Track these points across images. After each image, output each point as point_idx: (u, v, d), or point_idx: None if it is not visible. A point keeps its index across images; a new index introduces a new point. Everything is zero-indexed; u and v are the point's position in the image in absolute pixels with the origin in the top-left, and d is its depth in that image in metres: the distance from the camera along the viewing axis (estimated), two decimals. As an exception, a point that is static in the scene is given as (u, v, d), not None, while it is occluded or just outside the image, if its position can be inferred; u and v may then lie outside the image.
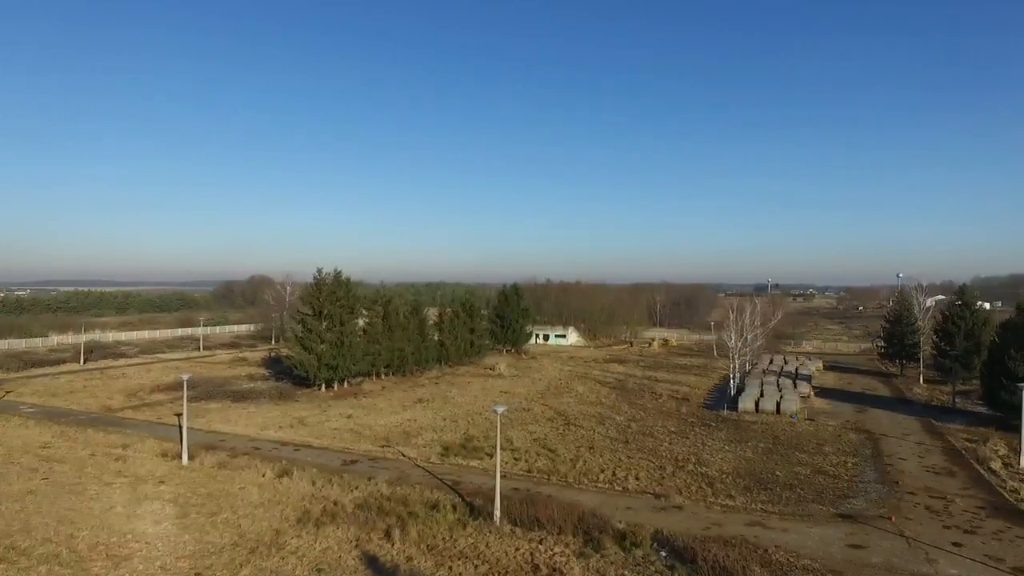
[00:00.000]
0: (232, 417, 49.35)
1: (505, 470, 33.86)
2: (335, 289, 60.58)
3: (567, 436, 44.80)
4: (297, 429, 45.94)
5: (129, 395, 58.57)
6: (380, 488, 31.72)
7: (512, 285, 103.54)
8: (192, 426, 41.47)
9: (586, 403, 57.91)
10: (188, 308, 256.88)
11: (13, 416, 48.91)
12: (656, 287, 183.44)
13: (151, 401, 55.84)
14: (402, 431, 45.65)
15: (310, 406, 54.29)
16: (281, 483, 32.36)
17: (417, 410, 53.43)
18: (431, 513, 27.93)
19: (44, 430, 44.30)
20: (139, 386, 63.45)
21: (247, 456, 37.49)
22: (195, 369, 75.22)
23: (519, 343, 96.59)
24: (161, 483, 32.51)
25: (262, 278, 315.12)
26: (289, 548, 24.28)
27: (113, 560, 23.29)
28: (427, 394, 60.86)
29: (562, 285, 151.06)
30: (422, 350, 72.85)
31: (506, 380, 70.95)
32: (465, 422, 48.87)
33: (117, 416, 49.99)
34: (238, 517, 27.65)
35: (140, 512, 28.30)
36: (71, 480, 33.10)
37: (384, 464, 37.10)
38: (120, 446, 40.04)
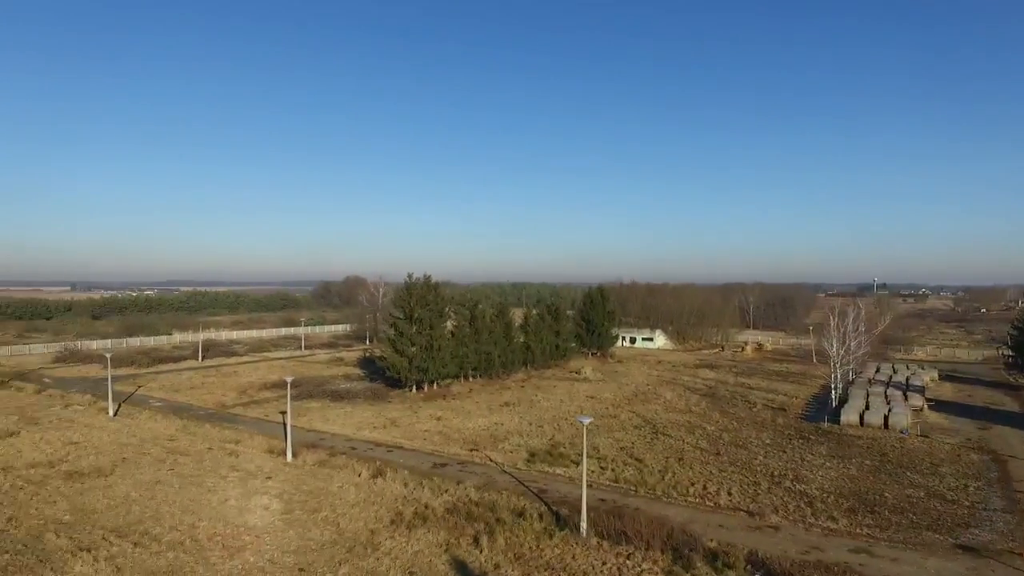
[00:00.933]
0: (330, 417, 52.13)
1: (591, 479, 33.76)
2: (425, 293, 62.56)
3: (655, 445, 43.93)
4: (390, 430, 47.88)
5: (240, 392, 63.27)
6: (469, 493, 32.50)
7: (597, 287, 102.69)
8: (295, 424, 44.26)
9: (675, 411, 56.50)
10: (290, 308, 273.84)
11: (144, 409, 54.15)
12: (749, 287, 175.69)
13: (259, 399, 60.03)
14: (489, 435, 46.47)
15: (401, 407, 56.40)
16: (375, 484, 33.87)
17: (504, 414, 54.18)
18: (518, 521, 28.31)
19: (169, 424, 48.72)
20: (248, 384, 68.38)
21: (344, 456, 39.53)
22: (297, 368, 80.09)
23: (605, 346, 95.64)
24: (268, 479, 34.93)
25: (357, 279, 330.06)
26: (383, 549, 25.42)
27: (228, 551, 25.32)
28: (513, 397, 61.57)
29: (649, 286, 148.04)
30: (508, 353, 73.75)
31: (592, 384, 70.49)
32: (551, 427, 49.04)
33: (230, 412, 54.14)
34: (337, 515, 29.24)
35: (250, 506, 30.56)
36: (192, 472, 36.25)
37: (472, 468, 37.96)
38: (233, 441, 43.37)
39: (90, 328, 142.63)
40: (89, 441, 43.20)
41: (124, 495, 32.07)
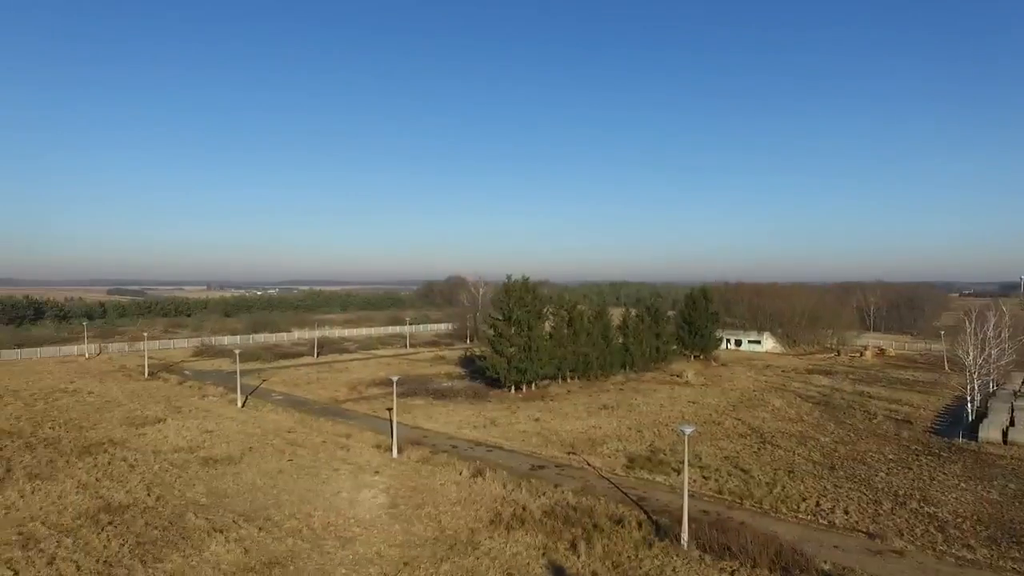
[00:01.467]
0: (433, 414, 54.06)
1: (693, 489, 32.78)
2: (523, 295, 63.28)
3: (762, 456, 41.82)
4: (489, 429, 48.92)
5: (351, 388, 67.10)
6: (566, 497, 32.59)
7: (700, 287, 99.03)
8: (400, 421, 46.33)
9: (784, 419, 53.47)
10: (396, 306, 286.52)
11: (267, 402, 58.83)
12: (869, 286, 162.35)
13: (368, 395, 63.36)
14: (587, 438, 46.27)
15: (500, 407, 57.42)
16: (475, 483, 34.77)
17: (602, 417, 53.71)
18: (616, 528, 28.05)
19: (288, 417, 52.63)
20: (358, 380, 72.33)
21: (446, 454, 40.90)
22: (402, 367, 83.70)
23: (708, 349, 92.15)
24: (376, 473, 36.84)
25: (458, 278, 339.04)
26: (483, 549, 26.08)
27: (340, 541, 27.02)
28: (612, 400, 60.88)
29: (755, 287, 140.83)
30: (606, 355, 72.97)
31: (694, 389, 68.20)
32: (650, 433, 48.03)
33: (342, 407, 57.57)
34: (439, 513, 30.33)
35: (360, 499, 32.40)
36: (308, 463, 38.96)
37: (570, 472, 37.98)
38: (344, 435, 46.13)
39: (222, 325, 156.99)
40: (221, 430, 47.59)
41: (251, 482, 35.08)
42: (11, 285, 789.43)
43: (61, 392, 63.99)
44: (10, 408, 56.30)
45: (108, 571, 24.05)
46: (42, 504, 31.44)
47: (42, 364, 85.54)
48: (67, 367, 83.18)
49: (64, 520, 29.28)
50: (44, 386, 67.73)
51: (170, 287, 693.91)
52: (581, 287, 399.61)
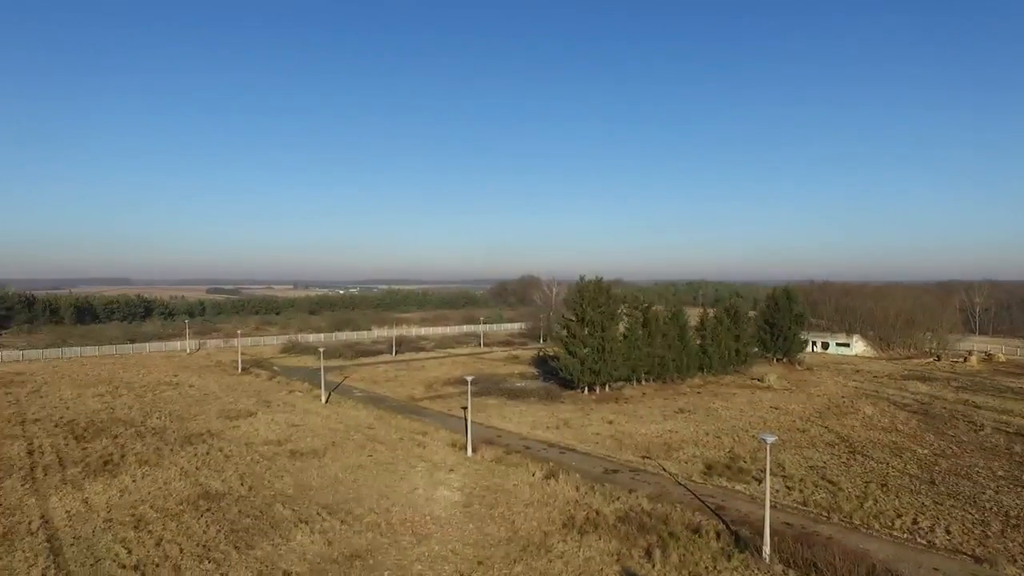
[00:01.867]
0: (506, 414, 54.56)
1: (775, 500, 31.48)
2: (596, 295, 62.72)
3: (852, 467, 39.49)
4: (562, 431, 48.84)
5: (427, 387, 68.79)
6: (641, 502, 32.06)
7: (783, 288, 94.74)
8: (474, 420, 47.13)
9: (876, 428, 50.25)
10: (471, 305, 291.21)
11: (348, 399, 61.32)
12: (975, 285, 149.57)
13: (443, 393, 64.76)
14: (663, 442, 45.30)
15: (573, 408, 57.19)
16: (548, 485, 34.82)
17: (678, 421, 52.44)
18: (693, 537, 27.33)
19: (368, 413, 54.62)
20: (434, 379, 74.06)
21: (519, 454, 41.17)
22: (476, 366, 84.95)
23: (792, 352, 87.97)
24: (451, 471, 37.61)
25: (531, 278, 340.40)
26: (556, 552, 26.09)
27: (416, 537, 27.79)
28: (688, 404, 59.32)
29: (844, 286, 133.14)
30: (683, 357, 71.13)
31: (776, 394, 65.31)
32: (730, 439, 46.42)
33: (418, 405, 59.14)
34: (512, 514, 30.61)
35: (435, 496, 33.19)
36: (387, 459, 40.29)
37: (644, 477, 37.33)
38: (421, 433, 47.37)
39: (307, 323, 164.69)
40: (307, 424, 50.03)
41: (333, 476, 36.69)
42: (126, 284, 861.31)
43: (166, 385, 69.31)
44: (124, 399, 61.52)
45: (206, 555, 25.84)
46: (150, 489, 34.19)
47: (150, 358, 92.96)
48: (171, 361, 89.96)
49: (169, 504, 31.72)
50: (151, 379, 73.56)
51: (261, 286, 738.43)
52: (656, 286, 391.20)
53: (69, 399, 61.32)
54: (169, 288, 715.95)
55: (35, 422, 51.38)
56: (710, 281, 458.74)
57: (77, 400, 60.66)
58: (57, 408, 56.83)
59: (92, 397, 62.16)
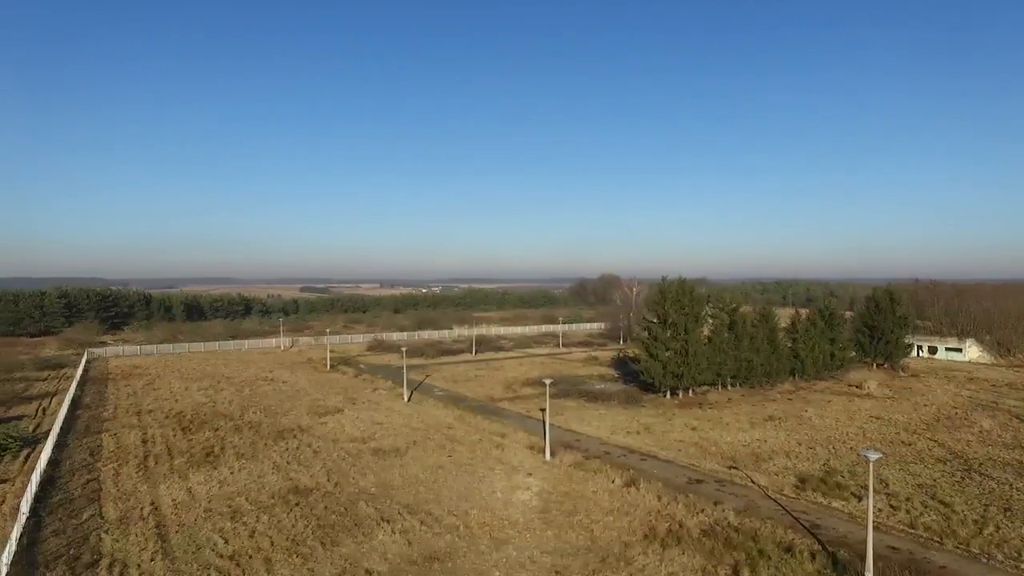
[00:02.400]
0: (585, 417, 53.80)
1: (878, 520, 29.14)
2: (680, 297, 60.66)
3: (967, 487, 35.92)
4: (643, 436, 47.54)
5: (506, 387, 69.10)
6: (727, 516, 30.56)
7: (884, 287, 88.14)
8: (553, 423, 46.74)
9: (996, 444, 45.54)
10: (550, 304, 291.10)
11: (429, 398, 62.60)
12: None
13: (522, 394, 64.80)
14: (751, 452, 43.11)
15: (655, 413, 55.61)
16: (629, 493, 33.90)
17: (767, 429, 49.80)
18: (785, 557, 25.70)
19: (448, 413, 55.48)
20: (513, 379, 74.30)
21: (599, 460, 40.41)
22: (555, 366, 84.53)
23: (894, 357, 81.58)
24: (529, 475, 37.42)
25: (611, 277, 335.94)
26: (636, 565, 25.27)
27: (495, 542, 27.77)
28: (778, 411, 56.23)
29: (955, 286, 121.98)
30: (772, 361, 67.56)
31: (877, 402, 60.71)
32: (825, 450, 43.52)
33: (497, 405, 59.45)
34: (591, 522, 29.99)
35: (513, 500, 33.10)
36: (466, 460, 40.67)
37: (731, 489, 35.60)
38: (499, 434, 47.53)
39: (391, 321, 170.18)
40: (390, 422, 51.45)
41: (414, 475, 37.42)
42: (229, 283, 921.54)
43: (262, 381, 73.49)
44: (225, 393, 65.75)
45: (295, 549, 26.95)
46: (246, 481, 36.19)
47: (249, 355, 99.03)
48: (267, 357, 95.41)
49: (262, 498, 33.43)
50: (249, 375, 78.24)
51: (350, 284, 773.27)
52: (742, 286, 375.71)
53: (177, 392, 66.25)
54: (266, 287, 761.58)
55: (149, 413, 55.82)
56: (801, 280, 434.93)
57: (184, 393, 65.43)
58: (167, 400, 61.53)
59: (197, 391, 66.86)
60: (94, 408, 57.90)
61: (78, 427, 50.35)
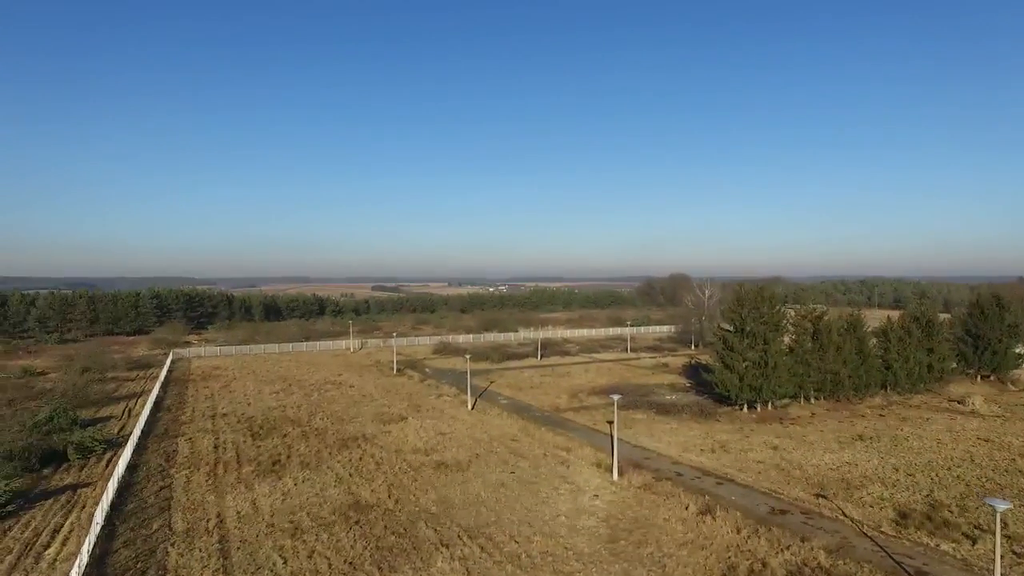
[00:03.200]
0: (655, 432, 51.13)
1: (1005, 572, 25.37)
2: (758, 304, 56.83)
3: (1105, 530, 31.14)
4: (719, 456, 44.50)
5: (571, 395, 67.12)
6: (817, 556, 27.53)
7: (989, 290, 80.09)
8: (620, 437, 44.44)
9: None
10: (617, 304, 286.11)
11: (493, 406, 61.51)
12: None
13: (588, 404, 62.65)
14: (839, 477, 39.36)
15: (731, 428, 52.23)
16: (704, 523, 31.34)
17: (857, 450, 45.58)
18: (887, 612, 22.67)
19: (512, 423, 54.13)
20: (579, 386, 72.21)
21: (670, 482, 37.89)
22: (622, 373, 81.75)
23: (1003, 369, 73.87)
24: (595, 497, 35.43)
25: (681, 277, 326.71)
26: (715, 613, 22.94)
27: (558, 575, 26.05)
28: (869, 429, 51.59)
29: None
30: (861, 372, 62.35)
31: (983, 421, 54.74)
32: (926, 478, 39.18)
33: (562, 416, 57.59)
34: (663, 555, 27.75)
35: (579, 526, 31.23)
36: (529, 477, 39.11)
37: (819, 522, 32.32)
38: (564, 449, 45.73)
39: (458, 322, 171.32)
40: (453, 433, 50.63)
41: (475, 494, 36.18)
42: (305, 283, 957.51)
43: (331, 384, 74.72)
44: (295, 397, 67.15)
45: (352, 573, 26.22)
46: (308, 495, 36.05)
47: (319, 356, 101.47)
48: (336, 360, 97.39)
49: (323, 513, 33.09)
50: (319, 378, 79.83)
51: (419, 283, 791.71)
52: (821, 284, 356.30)
53: (251, 395, 68.22)
54: (340, 286, 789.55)
55: (223, 416, 57.50)
56: (887, 278, 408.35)
57: (257, 396, 67.28)
58: (240, 404, 63.35)
59: (269, 394, 68.62)
60: (174, 410, 60.31)
61: (158, 430, 52.37)
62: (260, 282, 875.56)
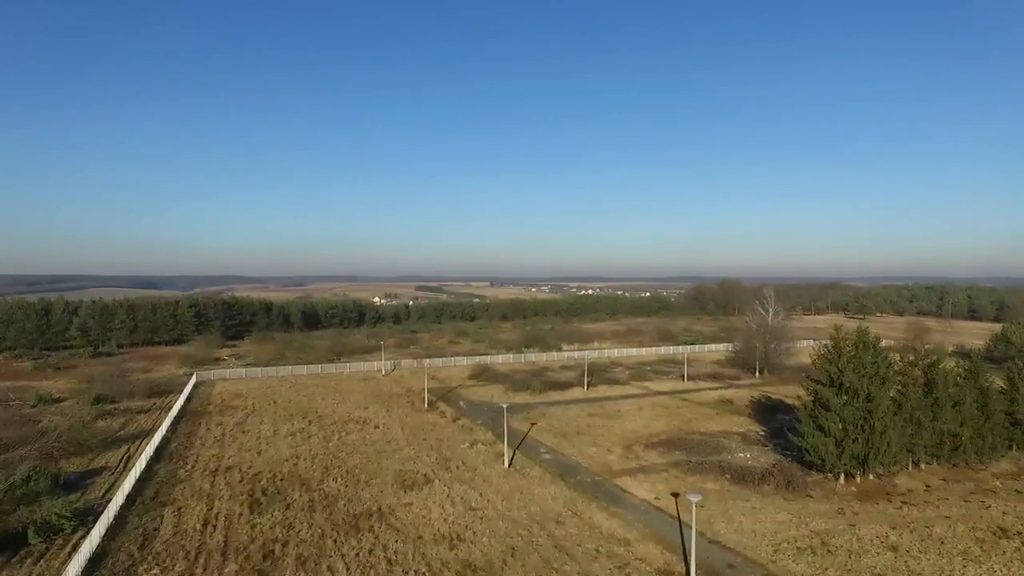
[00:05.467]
0: (733, 514, 41.37)
1: None
2: (859, 352, 46.41)
3: None
4: (821, 559, 34.58)
5: (625, 448, 57.69)
6: None
7: None
8: (686, 520, 34.96)
9: None
10: (664, 311, 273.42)
11: (534, 463, 52.70)
12: None
13: (646, 463, 53.10)
14: (1000, 613, 29.15)
15: (829, 509, 42.13)
16: None
17: (1008, 556, 34.98)
18: None
19: (557, 493, 45.25)
20: (633, 434, 62.64)
21: (770, 620, 28.48)
22: (681, 412, 71.95)
23: None
24: (671, 647, 26.37)
25: (733, 284, 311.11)
26: None
27: None
28: (1010, 516, 40.72)
29: None
30: (985, 432, 51.07)
31: None
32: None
33: (616, 483, 48.22)
34: None
35: None
36: (579, 597, 30.30)
37: None
38: (622, 542, 36.70)
39: (497, 334, 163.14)
40: (485, 508, 42.13)
41: (509, 631, 27.61)
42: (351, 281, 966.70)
43: (354, 423, 67.25)
44: (313, 441, 59.90)
45: None
46: (296, 622, 28.16)
47: (348, 382, 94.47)
48: (366, 387, 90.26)
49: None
50: (343, 412, 72.62)
51: (462, 282, 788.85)
52: (883, 290, 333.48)
53: (265, 437, 61.37)
54: (385, 285, 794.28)
55: (226, 472, 50.55)
56: (955, 281, 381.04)
57: (271, 439, 60.31)
58: (251, 451, 56.40)
59: (286, 436, 61.63)
60: (175, 460, 53.66)
61: (147, 492, 45.56)
62: (308, 280, 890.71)
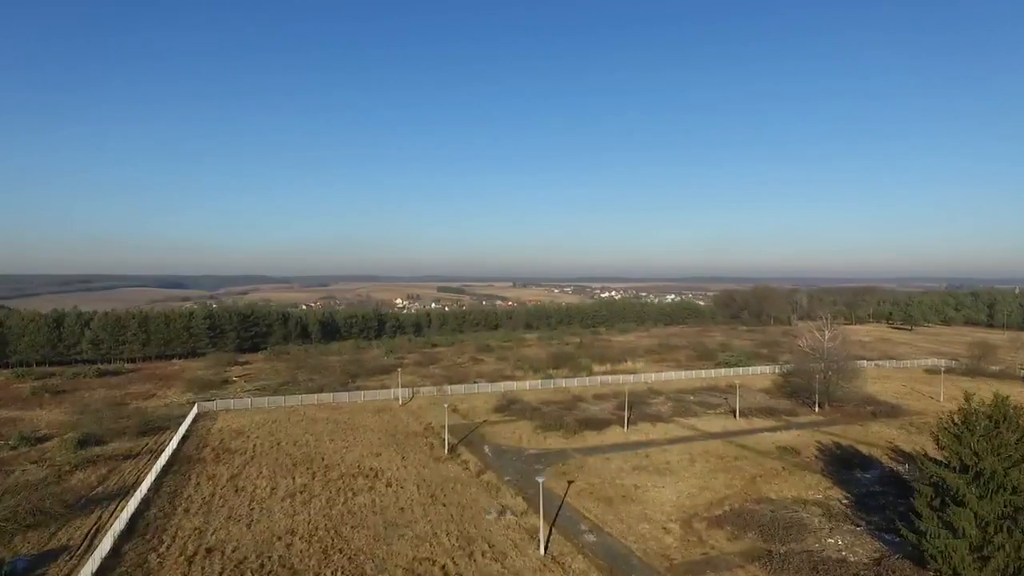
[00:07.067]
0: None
1: None
2: (998, 429, 36.14)
3: None
4: None
5: (684, 524, 47.90)
6: None
7: None
8: None
9: None
10: (694, 318, 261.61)
11: (576, 552, 43.08)
12: None
13: (714, 553, 43.13)
14: None
15: (968, 643, 32.06)
16: None
17: None
18: None
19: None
20: (690, 501, 52.70)
21: None
22: (740, 466, 61.99)
23: None
24: None
25: (766, 289, 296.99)
26: None
27: None
28: None
29: None
30: None
31: None
32: None
33: (680, 584, 38.76)
34: None
35: None
36: None
37: None
38: None
39: (522, 350, 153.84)
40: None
41: None
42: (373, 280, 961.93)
43: (364, 478, 58.39)
44: (313, 506, 51.30)
45: None
46: None
47: (361, 414, 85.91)
48: (380, 421, 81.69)
49: None
50: (352, 460, 63.98)
51: (483, 283, 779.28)
52: (925, 295, 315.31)
53: (260, 499, 52.90)
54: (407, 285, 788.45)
55: (207, 555, 42.07)
56: (1002, 285, 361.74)
57: (266, 505, 51.72)
58: (240, 522, 47.87)
59: (283, 499, 53.06)
60: (148, 537, 45.20)
61: (104, 594, 37.31)
62: (331, 280, 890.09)
